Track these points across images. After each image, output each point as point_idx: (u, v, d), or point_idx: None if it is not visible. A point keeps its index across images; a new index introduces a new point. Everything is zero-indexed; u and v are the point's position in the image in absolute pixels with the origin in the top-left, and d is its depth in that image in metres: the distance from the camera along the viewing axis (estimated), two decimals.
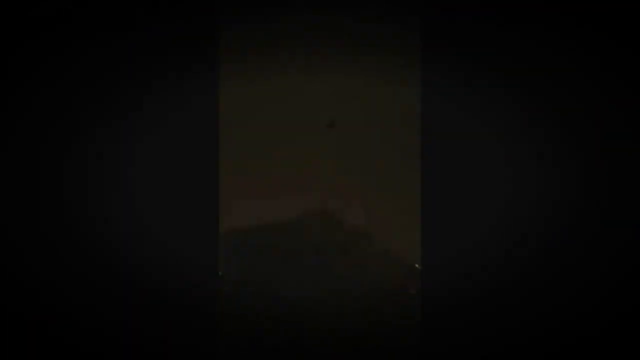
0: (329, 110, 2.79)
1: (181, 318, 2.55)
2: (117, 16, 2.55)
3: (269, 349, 2.70)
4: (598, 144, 2.51)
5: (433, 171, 2.57)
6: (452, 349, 2.55)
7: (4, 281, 2.50)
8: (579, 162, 2.51)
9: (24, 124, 2.52)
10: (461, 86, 2.55)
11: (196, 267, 2.56)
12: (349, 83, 2.78)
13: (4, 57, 2.51)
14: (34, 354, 2.51)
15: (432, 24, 2.57)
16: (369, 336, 2.71)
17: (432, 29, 2.57)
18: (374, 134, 2.79)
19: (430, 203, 2.58)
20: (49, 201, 2.51)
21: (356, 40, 2.76)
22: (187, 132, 2.57)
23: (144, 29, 2.56)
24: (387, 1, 2.76)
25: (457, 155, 2.56)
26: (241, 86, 2.76)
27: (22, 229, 2.50)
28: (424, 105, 2.59)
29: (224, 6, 2.72)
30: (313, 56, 2.77)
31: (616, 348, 2.49)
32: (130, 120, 2.55)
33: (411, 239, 2.72)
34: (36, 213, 2.51)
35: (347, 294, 2.75)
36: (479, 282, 2.53)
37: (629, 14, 2.50)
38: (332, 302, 2.74)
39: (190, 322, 2.56)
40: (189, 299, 2.56)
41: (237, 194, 2.77)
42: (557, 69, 2.53)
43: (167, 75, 2.56)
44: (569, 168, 2.52)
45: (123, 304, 2.53)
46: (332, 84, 2.78)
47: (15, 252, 2.50)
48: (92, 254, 2.52)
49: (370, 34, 2.76)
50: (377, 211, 2.80)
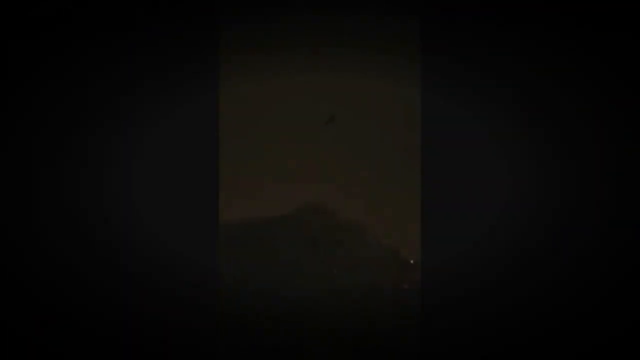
0: (329, 110, 2.79)
1: (181, 318, 2.55)
2: (117, 16, 2.55)
3: (269, 349, 2.70)
4: (598, 144, 2.51)
5: (433, 171, 2.57)
6: (451, 348, 2.55)
7: (4, 281, 2.50)
8: (579, 161, 2.51)
9: (24, 124, 2.52)
10: (461, 86, 2.55)
11: (196, 267, 2.57)
12: (349, 83, 2.78)
13: (4, 57, 2.51)
14: (34, 354, 2.51)
15: (432, 24, 2.57)
16: (368, 336, 2.71)
17: (432, 29, 2.57)
18: (374, 133, 2.79)
19: (430, 202, 2.58)
20: (48, 201, 2.51)
21: (356, 40, 2.76)
22: (187, 131, 2.57)
23: (144, 29, 2.56)
24: (387, 1, 2.76)
25: (457, 154, 2.56)
26: (241, 86, 2.77)
27: (22, 229, 2.50)
28: (424, 104, 2.59)
29: (224, 6, 2.73)
30: (313, 56, 2.77)
31: (616, 348, 2.49)
32: (130, 120, 2.55)
33: (411, 238, 2.72)
34: (36, 213, 2.51)
35: (347, 294, 2.75)
36: (478, 281, 2.53)
37: (629, 14, 2.50)
38: (332, 302, 2.75)
39: (190, 322, 2.56)
40: (189, 299, 2.56)
41: (236, 192, 2.77)
42: (557, 69, 2.53)
43: (168, 75, 2.56)
44: (568, 168, 2.52)
45: (123, 303, 2.53)
46: (332, 83, 2.78)
47: (15, 252, 2.50)
48: (92, 254, 2.52)
49: (370, 34, 2.76)
50: (377, 210, 2.80)
